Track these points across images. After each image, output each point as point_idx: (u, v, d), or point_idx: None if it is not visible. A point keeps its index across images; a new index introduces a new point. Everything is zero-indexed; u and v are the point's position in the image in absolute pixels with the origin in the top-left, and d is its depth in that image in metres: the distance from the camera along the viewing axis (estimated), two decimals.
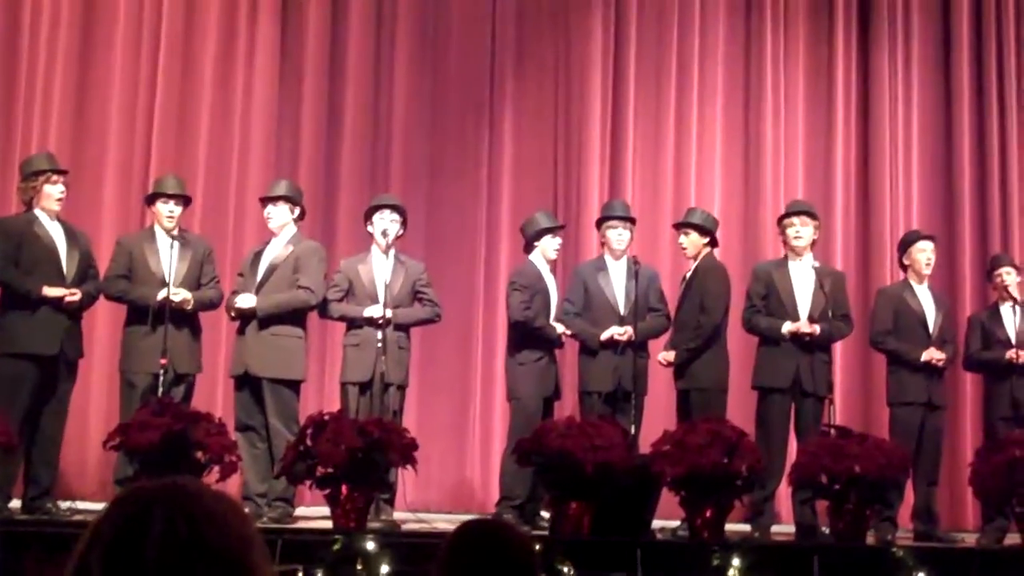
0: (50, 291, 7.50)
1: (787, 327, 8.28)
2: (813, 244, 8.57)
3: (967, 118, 10.97)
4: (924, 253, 8.79)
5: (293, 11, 10.33)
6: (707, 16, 10.91)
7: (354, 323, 8.21)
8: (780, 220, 8.73)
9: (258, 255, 8.20)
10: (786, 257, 8.58)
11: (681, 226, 8.65)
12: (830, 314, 8.30)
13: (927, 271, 8.78)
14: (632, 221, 8.69)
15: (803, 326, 8.25)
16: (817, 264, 8.52)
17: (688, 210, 9.03)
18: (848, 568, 6.80)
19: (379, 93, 10.43)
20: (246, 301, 7.96)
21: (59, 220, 7.76)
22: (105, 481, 8.21)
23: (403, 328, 8.20)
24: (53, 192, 7.71)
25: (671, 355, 8.38)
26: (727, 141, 10.81)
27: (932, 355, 8.54)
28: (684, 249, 8.58)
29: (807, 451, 7.46)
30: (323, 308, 8.29)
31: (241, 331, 8.05)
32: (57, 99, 9.72)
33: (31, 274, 7.51)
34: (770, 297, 8.46)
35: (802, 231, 8.48)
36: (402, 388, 8.19)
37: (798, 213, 8.58)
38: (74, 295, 7.58)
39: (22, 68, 9.76)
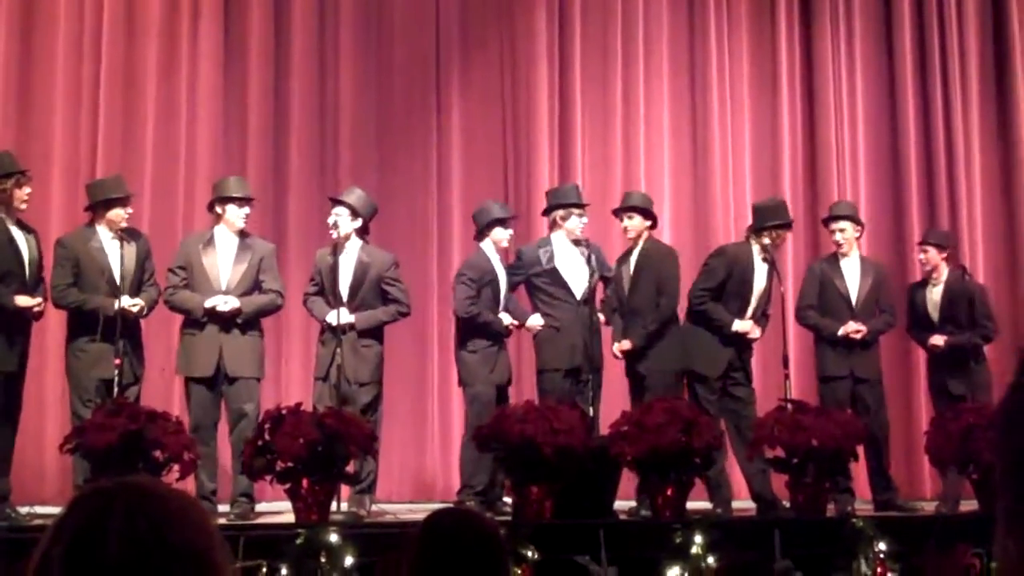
0: (21, 300, 7.44)
1: (738, 326, 8.36)
2: None
3: (911, 92, 11.05)
4: (834, 234, 8.90)
5: (235, 9, 10.26)
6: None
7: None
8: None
9: (205, 250, 8.12)
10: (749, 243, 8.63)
11: (624, 211, 8.66)
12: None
13: (844, 248, 8.83)
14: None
15: (752, 331, 8.39)
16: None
17: (626, 194, 9.05)
18: (809, 540, 6.85)
19: (325, 87, 10.38)
20: (229, 303, 7.92)
21: (18, 221, 7.66)
22: (64, 484, 8.16)
23: (366, 332, 8.18)
24: (22, 195, 7.61)
25: (626, 344, 8.38)
26: (674, 122, 10.85)
27: (848, 329, 8.62)
28: (628, 232, 8.60)
29: (764, 424, 7.52)
30: (303, 301, 8.47)
31: (221, 329, 7.96)
32: None
33: (0, 282, 7.41)
34: (730, 282, 8.50)
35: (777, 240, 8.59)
36: (367, 385, 8.13)
37: (778, 226, 8.61)
38: (40, 304, 7.52)
39: None
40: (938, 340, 8.82)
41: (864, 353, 8.69)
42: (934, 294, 8.93)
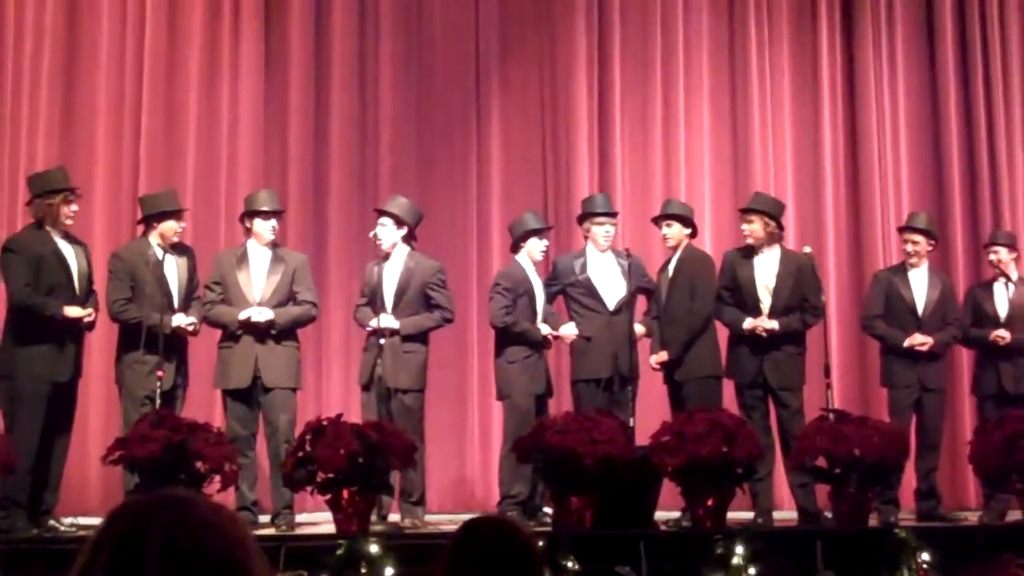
0: (71, 311, 7.48)
1: (748, 323, 8.28)
2: (773, 236, 8.45)
3: (953, 98, 10.94)
4: (906, 244, 8.83)
5: (276, 20, 10.30)
6: (690, 6, 10.89)
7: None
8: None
9: (238, 264, 8.16)
10: (751, 248, 8.51)
11: (663, 219, 8.64)
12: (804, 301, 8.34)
13: (914, 260, 8.75)
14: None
15: (763, 322, 8.26)
16: (783, 250, 8.53)
17: (666, 202, 9.04)
18: (852, 551, 6.81)
19: (365, 99, 10.40)
20: (263, 315, 7.94)
21: (65, 234, 7.72)
22: (108, 496, 8.22)
23: (410, 337, 8.20)
24: (69, 211, 7.67)
25: (663, 355, 8.34)
26: (715, 131, 10.80)
27: (914, 341, 8.53)
28: (667, 240, 8.57)
29: (806, 435, 7.48)
30: (354, 313, 8.52)
31: (257, 341, 7.98)
32: (43, 116, 9.70)
33: (50, 295, 7.48)
34: (735, 289, 8.44)
35: (747, 228, 8.47)
36: (411, 392, 8.15)
37: (744, 211, 8.59)
38: (91, 315, 7.57)
39: (7, 86, 9.74)
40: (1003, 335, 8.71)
41: (931, 364, 8.61)
42: (1010, 291, 8.84)
